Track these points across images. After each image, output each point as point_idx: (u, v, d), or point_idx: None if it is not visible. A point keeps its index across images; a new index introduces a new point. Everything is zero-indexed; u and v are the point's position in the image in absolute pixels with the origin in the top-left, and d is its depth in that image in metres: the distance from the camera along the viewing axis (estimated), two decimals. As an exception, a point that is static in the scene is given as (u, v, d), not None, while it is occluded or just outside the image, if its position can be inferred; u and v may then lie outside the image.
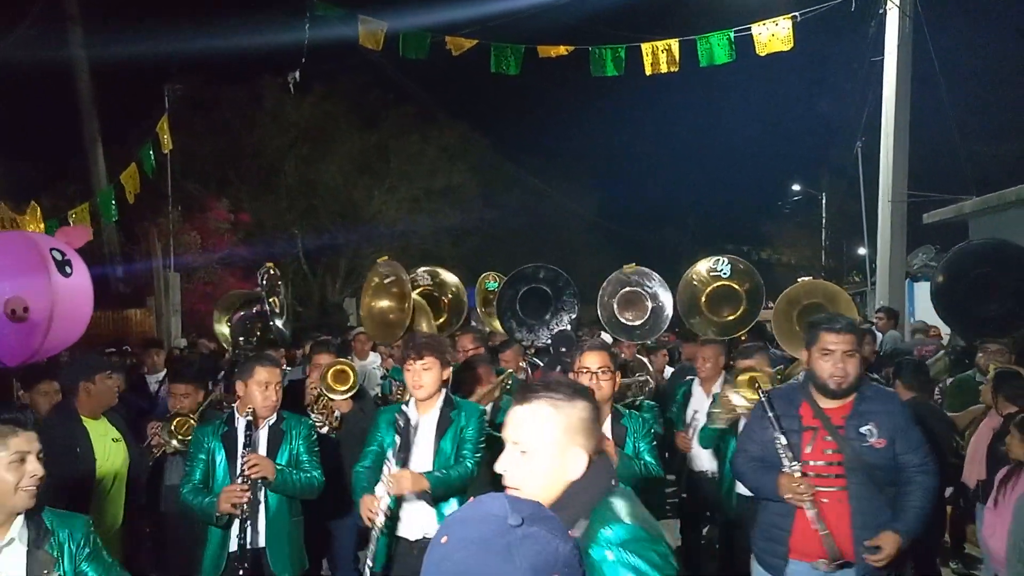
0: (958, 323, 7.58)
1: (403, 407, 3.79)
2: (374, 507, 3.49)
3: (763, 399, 3.50)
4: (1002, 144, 19.73)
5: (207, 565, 3.82)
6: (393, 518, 3.70)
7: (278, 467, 3.79)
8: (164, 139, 10.50)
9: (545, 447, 1.88)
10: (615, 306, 8.08)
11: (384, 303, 7.20)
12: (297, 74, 11.32)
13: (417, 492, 3.56)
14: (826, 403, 3.37)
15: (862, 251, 20.67)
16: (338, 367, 5.03)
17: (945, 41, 13.21)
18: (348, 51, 12.68)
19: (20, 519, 2.55)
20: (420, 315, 7.13)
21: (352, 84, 23.29)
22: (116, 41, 15.51)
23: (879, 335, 9.69)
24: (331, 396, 4.94)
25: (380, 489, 3.52)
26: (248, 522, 3.72)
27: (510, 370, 5.67)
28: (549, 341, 7.53)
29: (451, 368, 4.01)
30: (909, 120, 12.28)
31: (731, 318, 7.40)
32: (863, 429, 3.31)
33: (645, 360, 8.48)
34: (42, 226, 6.35)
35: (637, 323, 7.98)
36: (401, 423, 3.60)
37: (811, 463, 3.32)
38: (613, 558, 1.73)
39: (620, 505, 1.87)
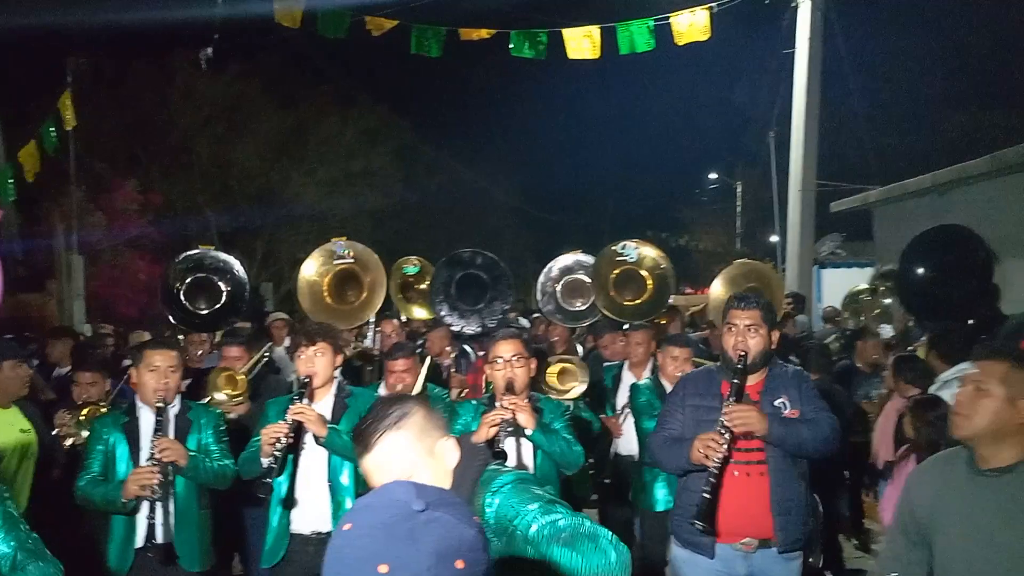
0: (920, 308, 7.78)
1: (294, 398, 3.73)
2: (276, 427, 3.51)
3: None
4: (905, 136, 20.60)
5: (113, 560, 3.67)
6: (287, 511, 3.69)
7: (190, 452, 3.67)
8: (67, 115, 10.03)
9: (418, 464, 1.93)
10: (559, 293, 8.12)
11: (319, 279, 7.13)
12: (210, 51, 10.96)
13: (315, 432, 3.59)
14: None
15: (774, 238, 21.30)
16: (227, 373, 4.87)
17: (854, 35, 13.68)
18: (265, 28, 12.35)
19: None
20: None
21: (269, 63, 22.69)
22: (14, 10, 14.69)
23: (803, 319, 9.96)
24: (215, 397, 4.75)
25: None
26: (159, 505, 3.56)
27: (429, 358, 5.64)
28: (479, 329, 7.50)
29: (344, 355, 4.01)
30: (819, 112, 12.68)
31: (637, 302, 7.49)
32: (777, 402, 3.42)
33: (579, 347, 8.57)
34: None
35: (584, 308, 8.04)
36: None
37: (727, 421, 3.36)
38: (499, 496, 1.89)
39: (500, 468, 2.03)
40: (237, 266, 7.36)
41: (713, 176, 33.54)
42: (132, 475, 3.54)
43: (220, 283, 7.15)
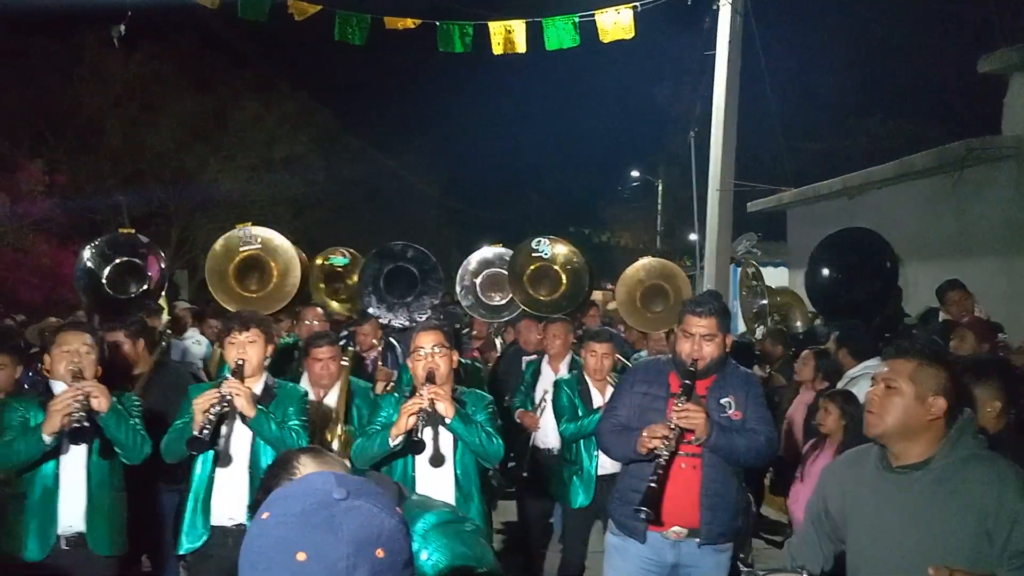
0: (824, 308, 8.03)
1: (225, 378, 3.65)
2: (209, 396, 3.47)
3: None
4: (818, 140, 21.32)
5: (31, 544, 3.55)
6: (207, 496, 3.64)
7: (113, 405, 3.54)
8: (-34, 90, 9.50)
9: None
10: (478, 287, 8.12)
11: (226, 268, 6.97)
12: (123, 27, 10.52)
13: (243, 411, 3.54)
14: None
15: (693, 236, 21.77)
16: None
17: (773, 39, 14.06)
18: (180, 7, 11.95)
19: None
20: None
21: (185, 43, 21.94)
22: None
23: None
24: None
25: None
26: (82, 415, 3.41)
27: (352, 349, 5.58)
28: (407, 323, 7.44)
29: (275, 345, 3.95)
30: (737, 113, 12.99)
31: (553, 297, 7.59)
32: (723, 400, 3.51)
33: (498, 341, 8.59)
34: None
35: (504, 302, 8.07)
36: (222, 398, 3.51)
37: (676, 418, 3.42)
38: (427, 550, 1.82)
39: (420, 501, 1.99)
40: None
41: (635, 174, 34.05)
42: (53, 404, 3.41)
43: (144, 264, 6.99)
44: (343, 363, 4.88)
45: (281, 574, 1.15)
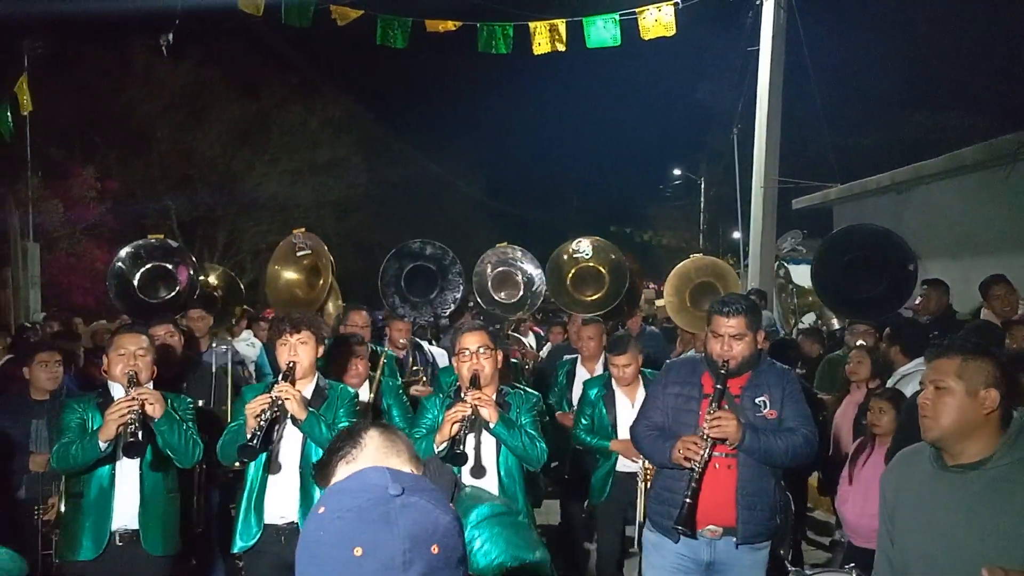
0: (834, 304, 7.96)
1: (277, 380, 3.69)
2: (260, 400, 3.50)
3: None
4: (865, 135, 20.93)
5: (87, 543, 3.63)
6: (259, 496, 3.67)
7: (167, 411, 3.62)
8: (23, 99, 9.79)
9: None
10: (489, 284, 8.17)
11: (294, 276, 7.07)
12: (171, 36, 10.76)
13: (295, 413, 3.57)
14: None
15: (736, 235, 21.52)
16: None
17: (817, 33, 13.84)
18: (226, 14, 12.16)
19: None
20: (329, 294, 7.03)
21: (231, 50, 22.33)
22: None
23: (767, 315, 10.08)
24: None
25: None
26: (136, 426, 3.50)
27: (387, 350, 5.63)
28: (431, 319, 7.50)
29: (324, 346, 3.99)
30: (781, 109, 12.83)
31: (595, 297, 7.60)
32: (758, 399, 3.47)
33: (521, 337, 8.61)
34: None
35: (511, 301, 8.10)
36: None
37: (708, 429, 3.41)
38: (480, 537, 1.86)
39: (473, 493, 2.02)
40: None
41: (677, 172, 33.76)
42: (109, 410, 3.50)
43: (174, 270, 7.11)
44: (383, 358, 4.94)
45: (337, 568, 1.16)
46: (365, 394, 4.80)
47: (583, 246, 7.65)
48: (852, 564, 2.63)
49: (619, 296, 7.53)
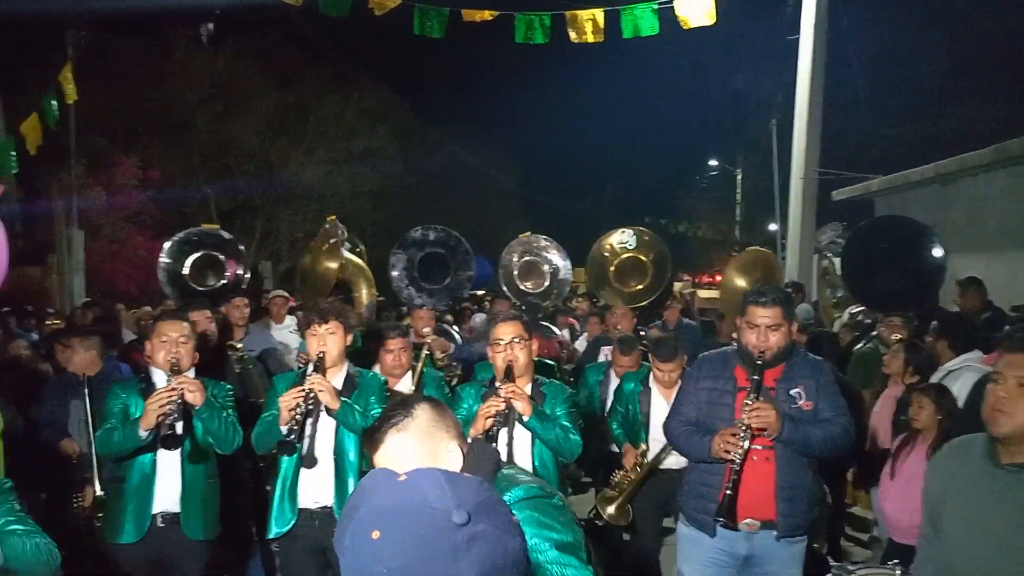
0: (863, 296, 7.88)
1: (307, 372, 3.73)
2: (294, 393, 3.54)
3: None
4: (907, 125, 20.52)
5: (128, 526, 3.71)
6: (293, 483, 3.72)
7: (207, 399, 3.68)
8: (68, 89, 9.95)
9: (422, 465, 1.92)
10: (515, 274, 8.16)
11: (331, 264, 7.14)
12: (211, 26, 10.89)
13: (327, 404, 3.61)
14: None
15: (773, 227, 21.27)
16: None
17: (859, 23, 13.60)
18: (265, 5, 12.26)
19: None
20: (360, 279, 7.04)
21: (269, 40, 22.52)
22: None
23: (806, 308, 9.96)
24: None
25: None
26: (176, 416, 3.57)
27: (428, 340, 5.65)
28: (451, 303, 7.50)
29: (354, 334, 4.02)
30: (822, 99, 12.63)
31: (639, 287, 7.57)
32: (793, 391, 3.44)
33: (551, 327, 8.61)
34: None
35: (537, 291, 8.10)
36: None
37: (747, 419, 3.39)
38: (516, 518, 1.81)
39: (511, 474, 1.99)
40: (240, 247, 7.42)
41: (713, 163, 33.41)
42: (150, 400, 3.56)
43: (224, 260, 7.20)
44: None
45: None
46: (407, 385, 4.82)
47: (627, 236, 7.63)
48: (896, 560, 2.58)
49: (662, 286, 7.53)
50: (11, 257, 6.20)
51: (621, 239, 7.63)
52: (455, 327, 7.48)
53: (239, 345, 5.50)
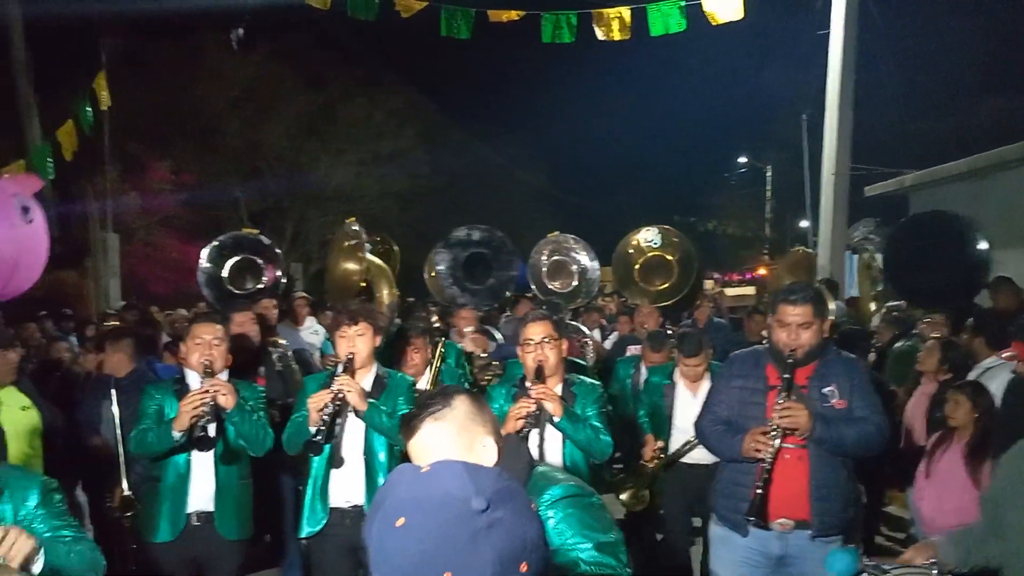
0: (907, 292, 7.77)
1: (336, 373, 3.75)
2: (323, 394, 3.57)
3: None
4: (942, 119, 20.22)
5: (164, 525, 3.76)
6: (324, 483, 3.75)
7: (238, 402, 3.73)
8: (102, 95, 10.13)
9: (455, 458, 1.92)
10: (543, 273, 8.16)
11: (351, 266, 7.17)
12: (241, 31, 11.01)
13: (355, 405, 3.64)
14: None
15: (804, 224, 21.07)
16: None
17: (890, 15, 13.42)
18: (294, 9, 12.35)
19: None
20: (381, 279, 7.07)
21: (297, 44, 22.71)
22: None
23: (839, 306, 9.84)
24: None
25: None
26: (208, 419, 3.61)
27: (468, 338, 5.68)
28: (495, 304, 7.50)
29: (382, 336, 4.04)
30: (853, 94, 12.48)
31: (665, 286, 7.52)
32: (825, 389, 3.41)
33: (581, 326, 8.59)
34: None
35: (566, 290, 8.08)
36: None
37: (778, 419, 3.36)
38: (554, 517, 1.85)
39: (547, 472, 2.00)
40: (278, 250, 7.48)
41: (742, 160, 33.14)
42: (183, 402, 3.61)
43: (263, 264, 7.26)
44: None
45: None
46: (424, 383, 4.85)
47: (652, 235, 7.58)
48: (934, 560, 2.54)
49: (688, 285, 7.46)
50: (48, 260, 6.37)
51: (646, 237, 7.57)
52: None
53: (282, 341, 5.56)
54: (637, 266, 7.59)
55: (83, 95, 10.18)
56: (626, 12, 9.84)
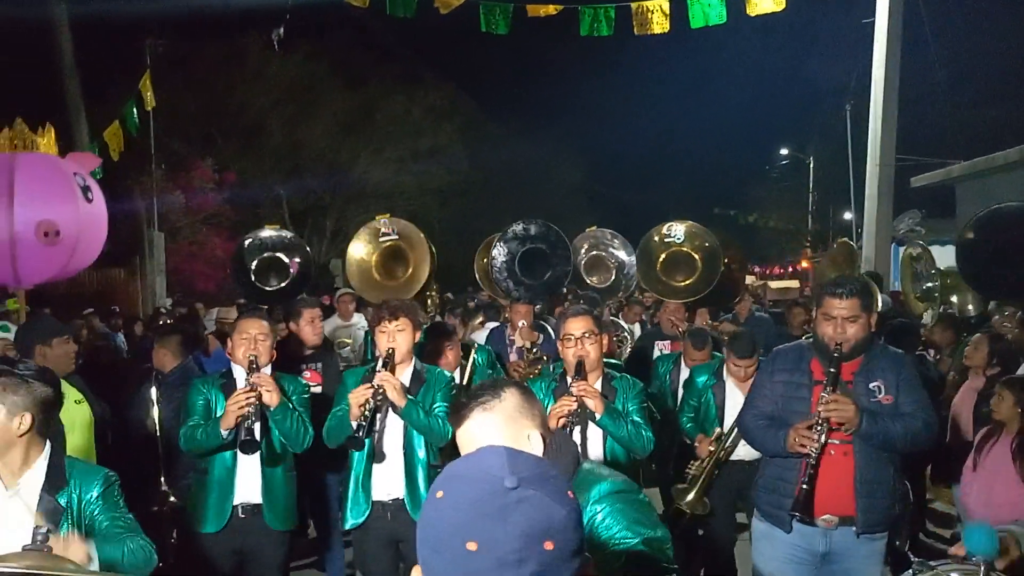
0: (980, 284, 7.59)
1: (377, 368, 3.78)
2: (363, 389, 3.61)
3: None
4: (990, 108, 19.73)
5: (209, 516, 3.85)
6: (367, 477, 3.79)
7: (282, 399, 3.79)
8: (147, 96, 10.33)
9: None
10: (581, 268, 8.12)
11: (368, 256, 7.20)
12: (281, 31, 11.14)
13: (394, 401, 3.66)
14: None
15: (848, 215, 20.72)
16: None
17: (936, 4, 13.12)
18: (333, 7, 12.47)
19: (40, 465, 2.59)
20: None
21: (337, 42, 22.96)
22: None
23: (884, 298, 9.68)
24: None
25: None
26: (253, 419, 3.68)
27: (519, 330, 5.70)
28: (545, 299, 7.48)
29: (421, 331, 4.07)
30: (898, 83, 12.24)
31: (686, 283, 7.43)
32: (872, 385, 3.35)
33: (620, 321, 8.55)
34: (55, 149, 6.23)
35: (603, 285, 8.03)
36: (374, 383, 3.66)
37: (823, 413, 3.30)
38: (602, 512, 1.86)
39: (594, 468, 2.02)
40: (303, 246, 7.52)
41: (784, 152, 32.71)
42: (229, 401, 3.68)
43: (287, 260, 7.31)
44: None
45: (452, 559, 1.18)
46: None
47: (675, 230, 7.47)
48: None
49: (711, 283, 7.33)
50: (97, 259, 6.50)
51: (669, 232, 7.47)
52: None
53: (349, 340, 5.61)
54: (660, 261, 7.48)
55: (129, 97, 10.39)
56: (665, 4, 9.76)
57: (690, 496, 4.89)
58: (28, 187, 5.51)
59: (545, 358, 5.90)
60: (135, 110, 10.26)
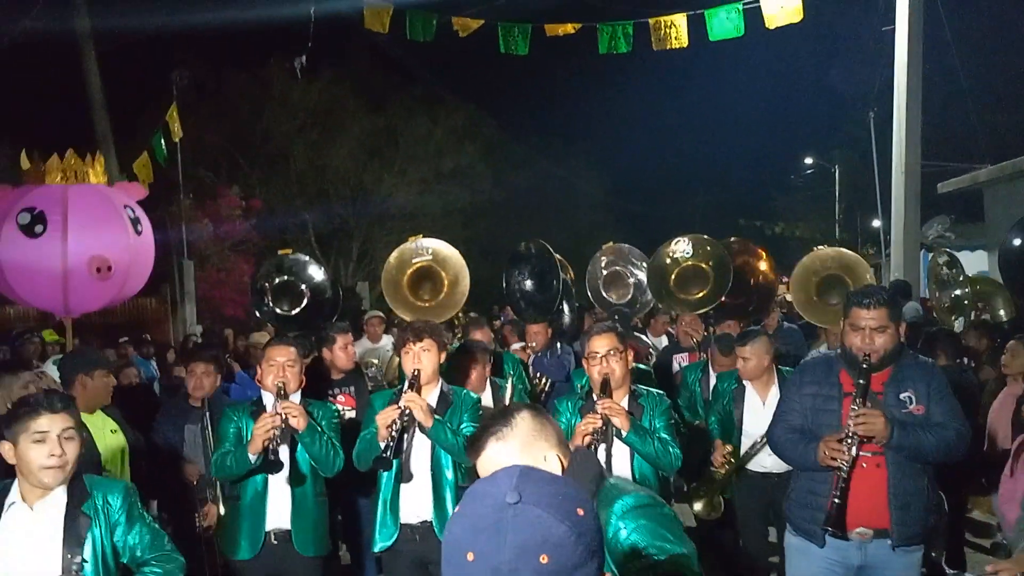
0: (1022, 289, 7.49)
1: (403, 390, 3.80)
2: (390, 411, 3.62)
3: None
4: (1017, 112, 19.46)
5: (244, 543, 3.87)
6: (395, 499, 3.80)
7: (310, 424, 3.82)
8: (174, 128, 10.50)
9: None
10: (600, 284, 8.13)
11: (410, 280, 7.25)
12: (304, 59, 11.30)
13: (421, 421, 3.67)
14: None
15: (876, 223, 20.51)
16: None
17: (957, 6, 13.01)
18: (354, 33, 12.65)
19: (60, 488, 2.68)
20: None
21: (359, 67, 23.20)
22: (121, 23, 15.47)
23: (913, 306, 9.56)
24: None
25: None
26: (278, 441, 3.72)
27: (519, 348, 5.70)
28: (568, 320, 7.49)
29: (447, 352, 4.08)
30: (921, 88, 12.14)
31: (701, 295, 7.42)
32: (903, 395, 3.31)
33: (644, 337, 8.53)
34: (104, 179, 6.32)
35: (622, 302, 8.03)
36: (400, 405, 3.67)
37: (853, 426, 3.28)
38: (626, 528, 1.86)
39: (619, 483, 2.03)
40: (317, 268, 7.49)
41: (809, 160, 32.45)
42: (256, 426, 3.72)
43: (302, 285, 7.28)
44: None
45: (455, 569, 1.26)
46: (487, 399, 4.88)
47: (682, 246, 7.49)
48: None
49: (724, 291, 7.33)
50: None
51: (678, 248, 7.49)
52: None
53: (375, 361, 5.64)
54: (672, 276, 7.51)
55: (157, 128, 10.56)
56: (683, 19, 9.78)
57: (699, 504, 4.91)
58: (81, 220, 5.63)
59: (541, 379, 5.91)
60: (163, 141, 10.43)
